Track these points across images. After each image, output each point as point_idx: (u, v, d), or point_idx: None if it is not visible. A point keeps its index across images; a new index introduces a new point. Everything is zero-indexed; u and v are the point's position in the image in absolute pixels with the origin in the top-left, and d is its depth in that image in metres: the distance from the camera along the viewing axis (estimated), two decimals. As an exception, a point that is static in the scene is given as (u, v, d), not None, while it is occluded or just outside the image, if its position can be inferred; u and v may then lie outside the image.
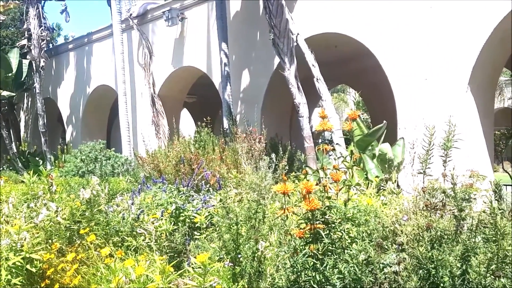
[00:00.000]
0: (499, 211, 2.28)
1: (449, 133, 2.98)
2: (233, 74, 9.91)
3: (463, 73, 6.51)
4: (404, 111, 7.30)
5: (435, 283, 2.20)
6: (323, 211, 2.25)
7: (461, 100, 6.58)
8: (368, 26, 7.73)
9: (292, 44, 7.77)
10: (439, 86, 6.81)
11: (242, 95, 10.24)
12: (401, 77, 7.33)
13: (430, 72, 6.91)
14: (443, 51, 6.75)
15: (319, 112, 2.43)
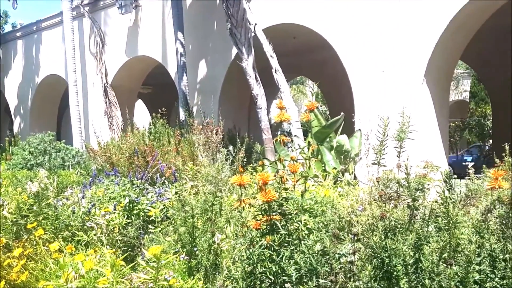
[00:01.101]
0: (451, 201, 2.37)
1: (403, 125, 3.07)
2: (190, 64, 9.79)
3: (419, 66, 6.72)
4: (362, 102, 7.46)
5: (389, 271, 2.26)
6: (280, 202, 2.26)
7: (417, 92, 6.79)
8: (326, 18, 7.82)
9: (249, 34, 7.75)
10: (395, 78, 7.00)
11: (199, 86, 10.14)
12: (358, 69, 7.47)
13: (387, 64, 7.09)
14: (399, 44, 6.93)
15: (277, 103, 2.43)
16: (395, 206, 2.78)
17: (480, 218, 2.24)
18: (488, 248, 2.12)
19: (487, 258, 2.12)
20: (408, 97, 6.76)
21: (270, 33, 8.04)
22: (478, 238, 2.13)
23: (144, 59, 11.51)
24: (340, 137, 7.15)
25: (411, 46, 6.79)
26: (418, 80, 6.74)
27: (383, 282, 2.32)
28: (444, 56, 6.89)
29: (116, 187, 4.05)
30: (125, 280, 2.47)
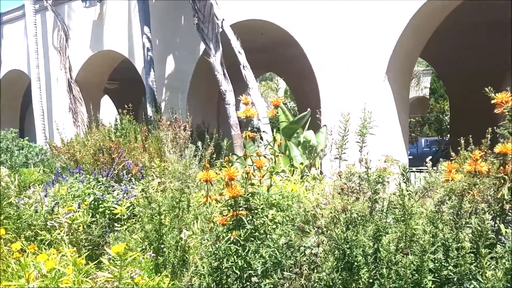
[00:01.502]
0: (407, 193, 2.47)
1: (365, 120, 3.16)
2: (157, 60, 9.68)
3: (381, 63, 6.89)
4: (328, 99, 7.59)
5: (350, 262, 2.35)
6: (246, 197, 2.30)
7: (380, 88, 6.97)
8: (293, 15, 7.89)
9: (217, 30, 7.73)
10: (359, 75, 7.16)
11: (167, 82, 10.05)
12: (324, 66, 7.59)
13: (351, 62, 7.23)
14: (363, 42, 7.08)
15: (242, 98, 2.46)
16: (357, 199, 2.88)
17: (434, 209, 2.35)
18: (441, 238, 2.23)
19: (440, 247, 2.23)
20: (371, 93, 6.92)
21: (238, 29, 8.05)
22: (432, 228, 2.24)
23: (110, 54, 11.30)
24: (307, 132, 7.26)
25: (374, 44, 6.96)
26: (380, 77, 6.91)
27: (345, 272, 2.40)
28: (404, 54, 7.09)
29: (80, 185, 4.00)
30: (89, 280, 2.46)
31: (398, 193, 2.50)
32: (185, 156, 4.49)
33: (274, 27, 8.24)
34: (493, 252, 2.18)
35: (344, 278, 2.41)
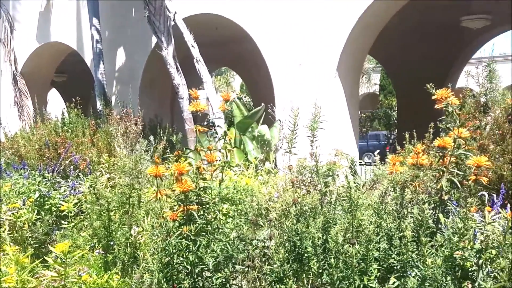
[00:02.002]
0: (354, 185, 2.55)
1: (316, 115, 3.22)
2: (107, 52, 9.42)
3: (332, 60, 7.03)
4: (281, 94, 7.66)
5: (300, 253, 2.40)
6: (197, 192, 2.29)
7: (331, 84, 7.12)
8: (246, 10, 7.89)
9: (169, 23, 7.61)
10: (311, 71, 7.28)
11: (118, 75, 9.80)
12: (277, 61, 7.66)
13: (304, 58, 7.34)
14: (315, 39, 7.20)
15: (192, 92, 2.44)
16: (308, 192, 2.94)
17: (379, 200, 2.44)
18: (385, 228, 2.32)
19: (385, 237, 2.32)
20: (322, 89, 7.06)
21: (191, 22, 7.96)
22: (377, 218, 2.33)
23: (57, 46, 10.88)
24: (261, 127, 7.31)
25: (325, 41, 7.09)
26: (331, 74, 7.06)
27: (296, 263, 2.45)
28: (354, 51, 7.28)
29: (25, 181, 3.83)
30: (34, 279, 2.37)
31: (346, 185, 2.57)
32: (136, 151, 4.40)
33: (228, 22, 8.21)
34: (433, 241, 2.30)
35: (295, 269, 2.46)
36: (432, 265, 2.01)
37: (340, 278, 2.20)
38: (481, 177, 2.42)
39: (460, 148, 2.57)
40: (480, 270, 2.38)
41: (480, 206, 2.65)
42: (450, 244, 2.15)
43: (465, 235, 2.19)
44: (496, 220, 2.60)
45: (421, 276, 2.04)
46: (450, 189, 2.62)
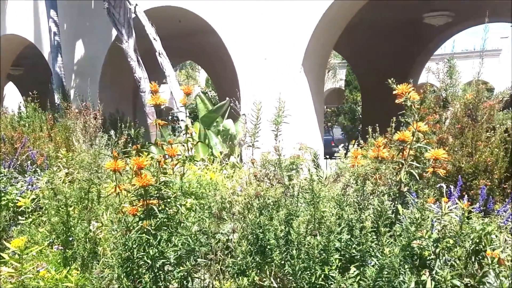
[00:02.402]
0: (317, 177, 2.60)
1: (280, 109, 3.26)
2: (66, 45, 9.18)
3: (297, 55, 7.10)
4: (247, 88, 7.68)
5: (263, 246, 2.43)
6: (158, 186, 2.28)
7: (296, 79, 7.19)
8: (209, 3, 7.85)
9: (129, 15, 7.48)
10: (277, 65, 7.33)
11: (77, 68, 9.57)
12: (242, 55, 7.67)
13: (269, 52, 7.38)
14: (280, 33, 7.25)
15: (151, 86, 2.42)
16: (271, 185, 2.97)
17: (341, 192, 2.50)
18: (346, 219, 2.38)
19: (346, 228, 2.39)
20: (288, 84, 7.12)
21: (153, 15, 7.85)
22: (338, 210, 2.39)
23: (13, 38, 10.52)
24: (226, 121, 7.31)
25: (290, 36, 7.15)
26: (297, 69, 7.13)
27: (258, 256, 2.49)
28: (319, 47, 7.37)
29: (-21, 177, 3.70)
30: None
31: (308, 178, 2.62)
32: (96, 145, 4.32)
33: (192, 15, 8.15)
34: (392, 231, 2.38)
35: (258, 261, 2.49)
36: (390, 254, 2.08)
37: (302, 269, 2.25)
38: (438, 169, 2.52)
39: (419, 142, 2.67)
40: (437, 258, 2.48)
41: (439, 197, 2.76)
42: (408, 234, 2.23)
43: (422, 225, 2.28)
44: (453, 210, 2.71)
45: (380, 265, 2.10)
46: (409, 181, 2.72)
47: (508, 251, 2.75)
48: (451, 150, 4.11)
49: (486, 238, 2.61)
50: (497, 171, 3.81)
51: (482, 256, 2.43)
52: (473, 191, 3.77)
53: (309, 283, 2.25)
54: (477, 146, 3.98)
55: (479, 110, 4.14)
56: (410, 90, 2.46)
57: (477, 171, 3.89)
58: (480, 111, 4.15)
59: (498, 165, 3.80)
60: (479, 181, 3.79)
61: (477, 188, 3.59)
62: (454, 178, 3.65)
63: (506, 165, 3.86)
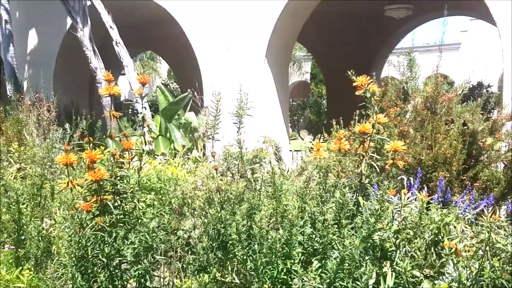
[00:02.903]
0: (279, 171, 2.61)
1: (241, 101, 3.24)
2: (18, 33, 8.83)
3: (261, 46, 7.10)
4: (209, 79, 7.61)
5: (225, 241, 2.42)
6: (113, 181, 2.22)
7: (260, 71, 7.19)
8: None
9: (84, 2, 7.27)
10: (240, 56, 7.30)
11: (30, 58, 9.22)
12: (205, 46, 7.59)
13: (232, 43, 7.33)
14: (243, 23, 7.21)
15: (104, 75, 2.35)
16: (234, 179, 2.96)
17: (303, 185, 2.51)
18: (309, 212, 2.40)
19: (308, 221, 2.41)
20: (252, 75, 7.11)
21: (110, 3, 7.62)
22: (300, 203, 2.40)
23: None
24: (188, 114, 7.23)
25: (253, 27, 7.12)
26: (260, 60, 7.13)
27: (220, 251, 2.47)
28: (282, 38, 7.39)
29: None
30: None
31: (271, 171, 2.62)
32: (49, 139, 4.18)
33: (151, 3, 7.99)
34: (353, 223, 2.42)
35: (220, 257, 2.47)
36: (351, 246, 2.11)
37: (264, 264, 2.25)
38: (397, 161, 2.57)
39: (380, 134, 2.72)
40: (398, 250, 2.54)
41: (399, 189, 2.82)
42: (368, 225, 2.27)
43: (382, 217, 2.33)
44: (413, 202, 2.78)
45: (341, 257, 2.13)
46: (370, 173, 2.77)
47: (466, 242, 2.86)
48: (411, 143, 4.22)
49: (445, 229, 2.69)
50: (455, 163, 3.94)
51: (441, 247, 2.50)
52: (433, 183, 3.89)
53: (272, 277, 2.26)
54: (437, 139, 4.10)
55: (438, 103, 4.27)
56: (369, 82, 2.50)
57: (437, 163, 4.02)
58: (439, 104, 4.28)
59: (456, 157, 3.93)
60: (439, 173, 3.91)
61: (437, 180, 3.70)
62: (415, 170, 3.75)
63: (464, 157, 4.00)
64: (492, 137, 4.19)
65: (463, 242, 2.75)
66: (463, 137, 4.07)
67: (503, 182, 3.88)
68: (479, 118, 4.23)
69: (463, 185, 3.87)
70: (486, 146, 4.11)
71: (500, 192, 3.90)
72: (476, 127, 4.15)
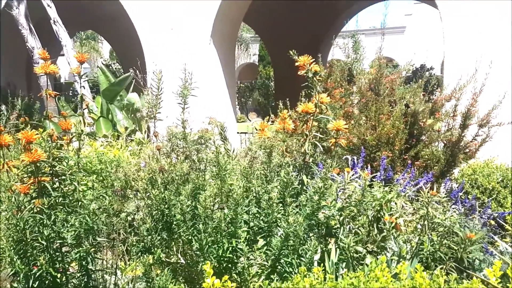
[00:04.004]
0: (224, 150, 2.64)
1: (186, 81, 3.23)
2: None
3: (206, 26, 7.04)
4: (153, 60, 7.47)
5: (169, 222, 2.43)
6: (50, 162, 2.17)
7: (205, 51, 7.14)
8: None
9: (19, -21, 6.90)
10: (185, 36, 7.20)
11: (-42, 36, 8.65)
12: (148, 25, 7.42)
13: (176, 23, 7.21)
14: (187, 3, 7.11)
15: (40, 53, 2.27)
16: (177, 159, 2.96)
17: (248, 165, 2.57)
18: (254, 191, 2.46)
19: (253, 200, 2.47)
20: (197, 56, 7.05)
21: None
22: (245, 183, 2.45)
23: None
24: (130, 95, 7.08)
25: (198, 6, 7.04)
26: (206, 40, 7.07)
27: (165, 232, 2.49)
28: (227, 19, 7.36)
29: None
30: None
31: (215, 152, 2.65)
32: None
33: (91, -22, 7.70)
34: (298, 201, 2.51)
35: (164, 238, 2.49)
36: (295, 223, 2.19)
37: (210, 243, 2.29)
38: (340, 140, 2.68)
39: (323, 114, 2.81)
40: (342, 227, 2.66)
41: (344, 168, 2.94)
42: (312, 203, 2.36)
43: (325, 194, 2.42)
44: (356, 180, 2.91)
45: (285, 234, 2.21)
46: (314, 152, 2.86)
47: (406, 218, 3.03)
48: (356, 124, 4.38)
49: (386, 206, 2.84)
50: (398, 143, 4.14)
51: (383, 223, 2.64)
52: (376, 162, 4.06)
53: (217, 256, 2.31)
54: (380, 119, 4.27)
55: (381, 85, 4.44)
56: (311, 61, 2.57)
57: (380, 143, 4.20)
58: (382, 86, 4.46)
59: (398, 137, 4.12)
60: (382, 152, 4.09)
61: (380, 159, 3.88)
62: (360, 150, 3.90)
63: (406, 137, 4.20)
64: (432, 118, 4.42)
65: (403, 217, 2.92)
66: (405, 118, 4.26)
67: (443, 160, 4.12)
68: (420, 99, 4.44)
69: (405, 164, 4.07)
70: (426, 126, 4.34)
71: (440, 170, 4.14)
72: (417, 108, 4.36)
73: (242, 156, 3.41)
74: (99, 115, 6.46)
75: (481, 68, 4.37)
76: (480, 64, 4.49)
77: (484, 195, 4.09)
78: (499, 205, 4.02)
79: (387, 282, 1.71)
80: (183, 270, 2.44)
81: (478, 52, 5.07)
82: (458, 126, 4.15)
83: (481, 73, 4.23)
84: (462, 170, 4.46)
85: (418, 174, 3.95)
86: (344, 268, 2.35)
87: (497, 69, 4.90)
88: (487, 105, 4.10)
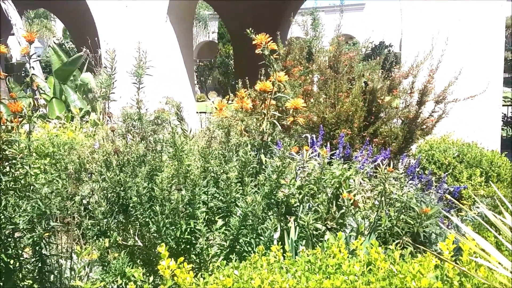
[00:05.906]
0: (181, 131, 2.63)
1: (140, 60, 3.17)
2: None
3: (162, 3, 6.89)
4: (107, 38, 7.27)
5: (125, 204, 2.42)
6: (0, 146, 2.11)
7: (162, 29, 7.00)
8: None
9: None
10: (140, 14, 7.03)
11: None
12: (101, 2, 7.19)
13: None
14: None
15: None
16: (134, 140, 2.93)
17: (206, 145, 2.57)
18: (212, 171, 2.47)
19: (211, 181, 2.48)
20: (153, 34, 6.91)
21: None
22: (203, 163, 2.46)
23: None
24: (84, 74, 6.90)
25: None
26: (162, 18, 6.93)
27: (121, 215, 2.47)
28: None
29: None
30: None
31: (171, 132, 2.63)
32: None
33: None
34: (256, 180, 2.54)
35: (121, 221, 2.47)
36: (253, 203, 2.22)
37: (167, 225, 2.30)
38: (298, 118, 2.71)
39: (281, 92, 2.83)
40: (301, 205, 2.72)
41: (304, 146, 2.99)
42: (270, 182, 2.39)
43: (284, 173, 2.46)
44: (315, 158, 2.97)
45: (243, 213, 2.24)
46: (273, 131, 2.89)
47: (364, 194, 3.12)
48: (316, 102, 4.43)
49: (345, 183, 2.92)
50: (356, 120, 4.22)
51: (342, 200, 2.71)
52: (336, 140, 4.14)
53: (175, 238, 2.32)
54: (339, 97, 4.34)
55: (340, 62, 4.50)
56: (268, 39, 2.57)
57: (340, 121, 4.27)
58: (341, 63, 4.51)
59: (357, 115, 4.20)
60: (341, 130, 4.17)
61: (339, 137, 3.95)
62: (319, 128, 3.96)
63: (365, 115, 4.28)
64: (390, 95, 4.52)
65: (362, 194, 3.01)
66: (364, 95, 4.34)
67: (401, 137, 4.24)
68: (379, 77, 4.52)
69: (364, 141, 4.15)
70: (385, 104, 4.43)
71: (398, 147, 4.25)
72: (375, 85, 4.43)
73: (201, 136, 3.41)
74: (52, 96, 6.27)
75: (437, 45, 4.49)
76: (437, 41, 4.62)
77: (441, 170, 4.25)
78: (455, 179, 4.19)
79: (343, 258, 1.77)
80: (141, 253, 2.44)
81: (434, 29, 5.20)
82: (415, 103, 4.26)
83: (437, 50, 4.35)
84: (420, 146, 4.61)
85: (377, 151, 4.04)
86: (303, 245, 2.41)
87: (453, 46, 5.05)
88: (444, 81, 4.22)
